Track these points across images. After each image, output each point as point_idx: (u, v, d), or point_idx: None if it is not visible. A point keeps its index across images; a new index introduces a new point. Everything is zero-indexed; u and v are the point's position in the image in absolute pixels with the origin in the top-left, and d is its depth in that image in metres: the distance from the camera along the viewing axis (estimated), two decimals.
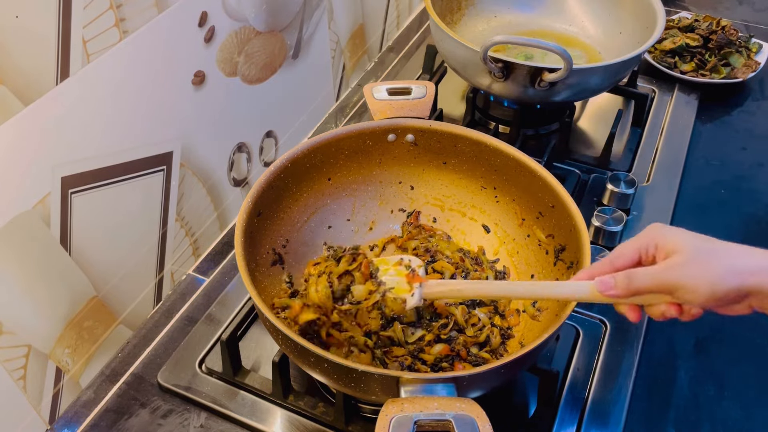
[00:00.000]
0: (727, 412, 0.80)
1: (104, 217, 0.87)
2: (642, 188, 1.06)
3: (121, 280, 0.92)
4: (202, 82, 0.97)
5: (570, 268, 0.77)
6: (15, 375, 0.80)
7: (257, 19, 1.04)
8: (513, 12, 1.27)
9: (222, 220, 1.11)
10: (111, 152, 0.85)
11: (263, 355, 0.85)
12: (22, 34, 0.70)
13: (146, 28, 0.84)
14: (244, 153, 1.12)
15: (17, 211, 0.75)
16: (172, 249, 1.01)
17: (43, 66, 0.73)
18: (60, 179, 0.79)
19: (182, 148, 0.97)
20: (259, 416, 0.78)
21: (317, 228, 0.89)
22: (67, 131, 0.78)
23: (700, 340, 0.88)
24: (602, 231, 0.96)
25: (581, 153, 1.13)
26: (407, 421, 0.57)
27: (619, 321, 0.88)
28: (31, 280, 0.79)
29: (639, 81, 1.25)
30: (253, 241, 0.79)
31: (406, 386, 0.61)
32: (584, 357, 0.84)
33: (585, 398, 0.80)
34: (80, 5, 0.75)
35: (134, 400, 0.81)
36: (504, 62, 0.98)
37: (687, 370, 0.85)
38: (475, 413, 0.58)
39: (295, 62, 1.17)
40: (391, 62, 1.35)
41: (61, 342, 0.85)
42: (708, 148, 1.15)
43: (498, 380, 0.68)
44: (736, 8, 1.50)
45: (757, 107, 1.24)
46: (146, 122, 0.89)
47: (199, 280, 0.95)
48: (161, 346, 0.86)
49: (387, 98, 0.90)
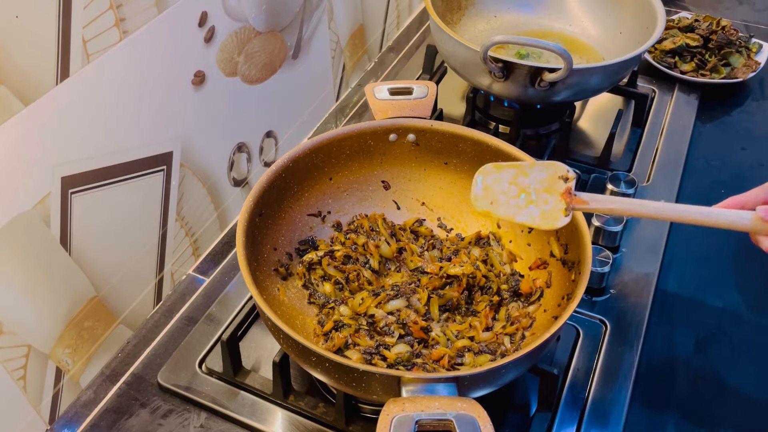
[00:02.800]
0: (727, 412, 0.80)
1: (104, 217, 0.87)
2: (642, 188, 1.06)
3: (121, 280, 0.92)
4: (202, 82, 0.97)
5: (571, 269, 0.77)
6: (15, 375, 0.80)
7: (257, 19, 1.04)
8: (513, 12, 1.27)
9: (222, 220, 1.11)
10: (111, 152, 0.85)
11: (263, 355, 0.85)
12: (22, 34, 0.70)
13: (146, 28, 0.84)
14: (244, 153, 1.12)
15: (17, 211, 0.75)
16: (172, 249, 1.01)
17: (43, 66, 0.73)
18: (60, 179, 0.79)
19: (182, 148, 0.97)
20: (260, 416, 0.78)
21: (318, 227, 0.89)
22: (67, 131, 0.78)
23: (700, 340, 0.88)
24: (602, 231, 0.96)
25: (581, 153, 1.13)
26: (408, 421, 0.57)
27: (619, 321, 0.88)
28: (31, 280, 0.79)
29: (639, 81, 1.25)
30: (254, 241, 0.79)
31: (407, 386, 0.61)
32: (584, 357, 0.84)
33: (585, 398, 0.80)
34: (80, 5, 0.75)
35: (134, 400, 0.81)
36: (504, 62, 0.98)
37: (687, 370, 0.85)
38: (476, 413, 0.58)
39: (295, 62, 1.17)
40: (391, 62, 1.35)
41: (61, 342, 0.85)
42: (708, 148, 1.15)
43: (499, 380, 0.68)
44: (736, 8, 1.50)
45: (757, 107, 1.24)
46: (146, 122, 0.89)
47: (199, 280, 0.95)
48: (161, 346, 0.86)
49: (388, 98, 0.90)
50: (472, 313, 0.82)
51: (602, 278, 0.91)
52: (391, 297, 0.80)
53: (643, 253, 0.96)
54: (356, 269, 0.84)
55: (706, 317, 0.90)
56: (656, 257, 0.96)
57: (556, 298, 0.78)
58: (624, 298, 0.91)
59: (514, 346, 0.77)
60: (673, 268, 0.96)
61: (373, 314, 0.79)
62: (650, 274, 0.94)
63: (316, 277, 0.85)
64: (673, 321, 0.90)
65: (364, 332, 0.78)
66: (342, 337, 0.77)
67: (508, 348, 0.77)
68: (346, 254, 0.85)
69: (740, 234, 1.01)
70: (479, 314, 0.81)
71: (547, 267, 0.82)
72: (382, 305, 0.80)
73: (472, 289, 0.83)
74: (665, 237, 0.99)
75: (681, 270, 0.96)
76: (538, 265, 0.83)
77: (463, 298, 0.82)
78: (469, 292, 0.83)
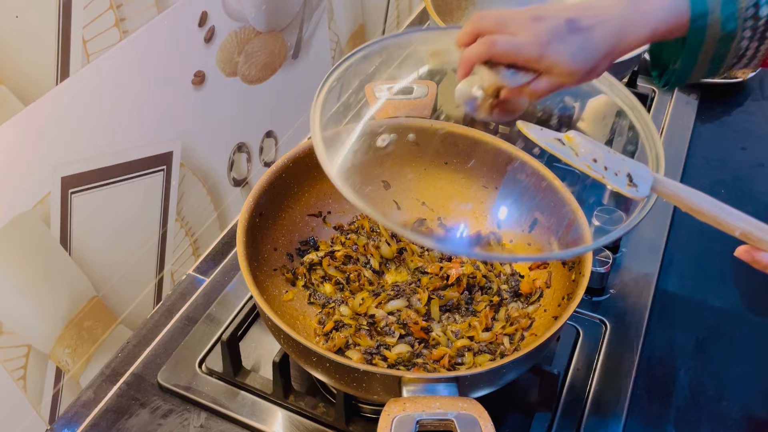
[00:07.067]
0: (727, 412, 0.80)
1: (104, 217, 0.87)
2: None
3: (121, 280, 0.92)
4: (202, 82, 0.97)
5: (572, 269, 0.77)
6: (15, 375, 0.80)
7: (257, 19, 1.04)
8: None
9: (222, 220, 1.11)
10: (111, 152, 0.85)
11: (263, 355, 0.84)
12: (22, 34, 0.70)
13: (146, 28, 0.84)
14: (244, 153, 1.12)
15: (17, 211, 0.75)
16: (172, 249, 1.01)
17: (43, 66, 0.73)
18: (60, 179, 0.79)
19: (182, 148, 0.97)
20: (260, 416, 0.78)
21: (319, 228, 0.89)
22: (67, 131, 0.78)
23: (700, 340, 0.88)
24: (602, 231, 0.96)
25: None
26: (409, 421, 0.57)
27: (619, 321, 0.88)
28: (31, 280, 0.79)
29: (639, 81, 1.25)
30: (255, 241, 0.79)
31: (408, 386, 0.61)
32: (584, 357, 0.84)
33: (585, 398, 0.80)
34: (80, 5, 0.74)
35: (134, 400, 0.81)
36: None
37: (687, 370, 0.85)
38: (477, 413, 0.58)
39: (295, 62, 1.17)
40: None
41: (61, 342, 0.85)
42: (708, 148, 1.15)
43: (500, 380, 0.68)
44: None
45: (757, 107, 1.24)
46: (146, 122, 0.89)
47: (199, 280, 0.95)
48: (161, 346, 0.86)
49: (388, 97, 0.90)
50: (472, 313, 0.82)
51: (602, 278, 0.91)
52: (391, 297, 0.80)
53: (643, 253, 0.96)
54: (357, 269, 0.84)
55: (706, 317, 0.90)
56: (656, 257, 0.96)
57: (556, 298, 0.78)
58: (624, 298, 0.91)
59: (513, 346, 0.78)
60: (673, 268, 0.96)
61: (374, 314, 0.79)
62: (650, 274, 0.94)
63: (316, 278, 0.85)
64: (673, 321, 0.90)
65: (365, 332, 0.78)
66: (342, 337, 0.77)
67: (508, 348, 0.77)
68: (346, 254, 0.85)
69: None
70: (479, 314, 0.81)
71: (547, 267, 0.82)
72: (382, 305, 0.80)
73: (472, 289, 0.83)
74: (665, 237, 0.99)
75: (681, 270, 0.96)
76: (538, 265, 0.83)
77: (463, 298, 0.82)
78: (469, 292, 0.83)
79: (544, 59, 0.63)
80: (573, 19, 0.64)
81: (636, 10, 0.66)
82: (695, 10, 0.65)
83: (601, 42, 0.64)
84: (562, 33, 0.64)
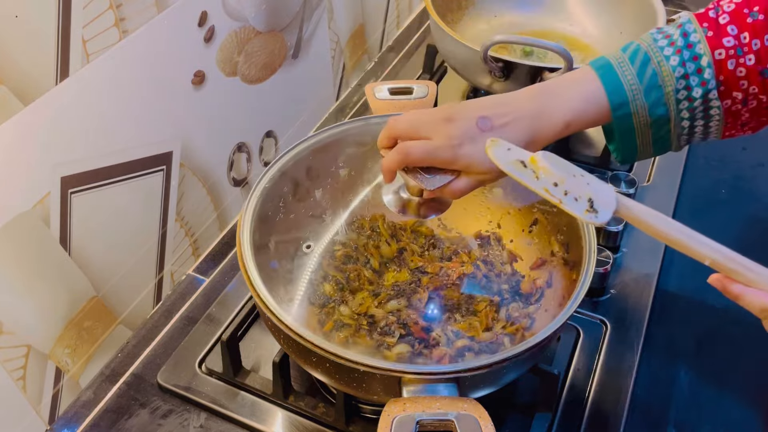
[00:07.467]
0: (727, 412, 0.80)
1: (104, 217, 0.87)
2: (642, 188, 1.06)
3: (121, 280, 0.92)
4: (202, 82, 0.97)
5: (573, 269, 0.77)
6: (15, 375, 0.80)
7: (257, 19, 1.04)
8: (513, 12, 1.27)
9: (222, 220, 1.11)
10: (111, 152, 0.85)
11: (263, 355, 0.84)
12: (22, 33, 0.70)
13: (146, 28, 0.84)
14: (244, 153, 1.12)
15: (17, 211, 0.75)
16: (172, 249, 1.01)
17: (42, 66, 0.73)
18: (59, 179, 0.79)
19: (182, 148, 0.97)
20: (259, 416, 0.78)
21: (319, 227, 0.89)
22: (67, 131, 0.78)
23: (700, 340, 0.88)
24: (602, 231, 0.96)
25: (581, 153, 1.13)
26: (409, 421, 0.57)
27: (619, 321, 0.88)
28: (30, 280, 0.79)
29: None
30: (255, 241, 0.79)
31: (408, 386, 0.61)
32: (584, 357, 0.84)
33: (585, 398, 0.80)
34: (80, 5, 0.74)
35: (134, 400, 0.81)
36: (504, 62, 0.98)
37: (687, 370, 0.85)
38: (477, 413, 0.58)
39: (295, 62, 1.17)
40: (391, 62, 1.35)
41: (60, 342, 0.85)
42: (708, 148, 1.15)
43: (500, 380, 0.68)
44: None
45: None
46: (146, 122, 0.89)
47: (199, 280, 0.95)
48: (161, 346, 0.86)
49: (388, 98, 0.90)
50: (473, 313, 0.82)
51: (602, 278, 0.91)
52: (391, 297, 0.80)
53: (644, 253, 0.96)
54: (357, 269, 0.84)
55: (706, 317, 0.90)
56: (656, 257, 0.96)
57: (557, 298, 0.78)
58: (624, 298, 0.91)
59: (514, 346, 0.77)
60: (673, 268, 0.96)
61: (374, 314, 0.78)
62: (650, 274, 0.94)
63: (316, 277, 0.85)
64: (673, 321, 0.90)
65: (365, 332, 0.78)
66: (342, 336, 0.77)
67: (508, 348, 0.77)
68: (346, 254, 0.85)
69: (740, 234, 1.02)
70: (479, 314, 0.81)
71: (548, 267, 0.82)
72: (382, 305, 0.80)
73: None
74: None
75: (681, 270, 0.96)
76: (539, 264, 0.83)
77: (463, 298, 0.82)
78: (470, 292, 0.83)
79: (459, 160, 0.64)
80: (485, 117, 0.64)
81: (548, 104, 0.65)
82: (613, 101, 0.65)
83: (515, 138, 0.64)
84: (474, 134, 0.63)
